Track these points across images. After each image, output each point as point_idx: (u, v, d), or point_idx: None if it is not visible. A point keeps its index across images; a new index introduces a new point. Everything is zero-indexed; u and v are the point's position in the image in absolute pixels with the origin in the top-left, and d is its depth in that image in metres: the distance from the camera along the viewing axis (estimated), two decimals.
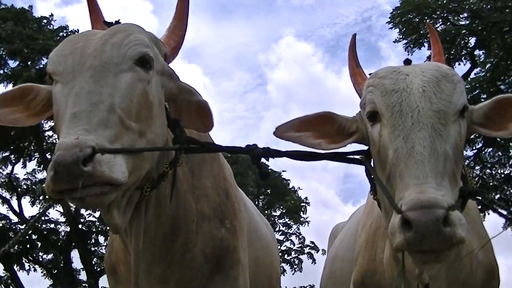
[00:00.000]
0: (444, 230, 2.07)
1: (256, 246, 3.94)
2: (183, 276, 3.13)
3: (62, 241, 22.67)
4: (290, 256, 26.08)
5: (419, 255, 2.18)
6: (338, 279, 4.14)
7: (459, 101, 2.48)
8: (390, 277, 3.03)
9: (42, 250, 22.73)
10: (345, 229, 4.48)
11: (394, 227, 2.17)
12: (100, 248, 23.35)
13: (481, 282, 3.12)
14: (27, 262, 22.38)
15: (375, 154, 2.53)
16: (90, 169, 2.18)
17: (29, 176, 22.96)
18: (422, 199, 2.13)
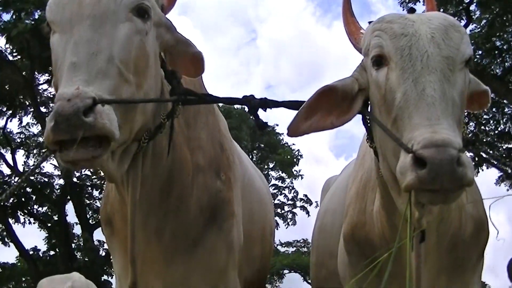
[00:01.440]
0: (457, 170, 2.09)
1: (250, 199, 3.98)
2: (178, 227, 3.18)
3: (57, 194, 22.72)
4: (283, 210, 26.22)
5: (428, 195, 2.19)
6: (329, 232, 4.18)
7: (466, 50, 2.50)
8: (380, 228, 3.07)
9: (37, 203, 22.77)
10: (336, 183, 4.51)
11: (405, 166, 2.18)
12: (94, 201, 23.42)
13: (470, 235, 3.16)
14: (22, 215, 22.44)
15: (380, 98, 2.52)
16: (92, 120, 2.19)
17: (23, 130, 22.93)
18: (436, 138, 2.14)
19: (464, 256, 3.17)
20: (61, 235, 21.66)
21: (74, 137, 2.19)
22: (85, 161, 2.28)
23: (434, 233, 2.91)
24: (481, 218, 3.26)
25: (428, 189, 2.16)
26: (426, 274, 2.81)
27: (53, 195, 22.66)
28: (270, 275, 27.20)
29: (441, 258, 3.07)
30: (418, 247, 2.65)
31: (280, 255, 26.58)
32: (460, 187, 2.16)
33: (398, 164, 2.23)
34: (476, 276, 3.36)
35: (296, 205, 26.32)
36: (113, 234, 3.39)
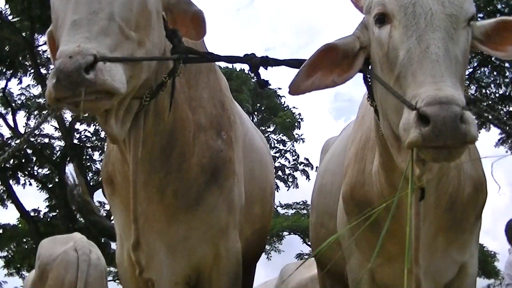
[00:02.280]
0: (460, 127, 2.10)
1: (251, 159, 4.01)
2: (179, 186, 3.21)
3: (57, 156, 22.75)
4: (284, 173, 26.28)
5: (431, 152, 2.19)
6: (328, 192, 4.20)
7: (470, 8, 2.47)
8: (379, 188, 3.09)
9: (37, 165, 22.82)
10: (335, 144, 4.51)
11: (409, 123, 2.18)
12: (94, 163, 23.48)
13: (468, 195, 3.19)
14: (22, 177, 22.50)
15: (382, 56, 2.50)
16: (92, 76, 2.20)
17: (23, 91, 22.87)
18: (440, 95, 2.14)
19: (462, 216, 3.20)
20: (61, 196, 21.72)
21: (75, 95, 2.22)
22: (88, 103, 2.29)
23: (433, 192, 2.93)
24: (479, 178, 3.28)
25: (431, 146, 2.16)
26: (424, 233, 2.84)
27: (53, 156, 22.69)
28: (269, 237, 27.39)
29: (439, 218, 3.10)
30: (417, 205, 2.66)
31: (280, 217, 26.69)
32: (463, 144, 2.17)
33: (402, 121, 2.24)
34: (474, 236, 3.39)
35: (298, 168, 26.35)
36: (114, 194, 3.42)
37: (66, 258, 6.27)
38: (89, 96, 2.25)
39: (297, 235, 27.60)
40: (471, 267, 3.35)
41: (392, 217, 2.54)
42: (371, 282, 3.39)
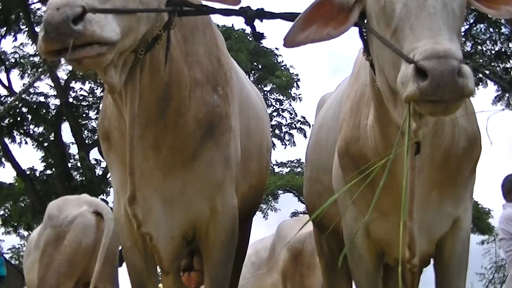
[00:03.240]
0: (458, 81, 2.10)
1: (247, 115, 4.01)
2: (175, 141, 3.22)
3: (52, 114, 22.69)
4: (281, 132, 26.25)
5: (429, 106, 2.20)
6: (323, 148, 4.20)
7: None
8: (374, 143, 3.11)
9: (33, 123, 22.76)
10: (330, 99, 4.51)
11: (406, 77, 2.18)
12: (90, 121, 23.43)
13: (463, 149, 3.20)
14: (18, 135, 22.46)
15: (379, 9, 2.47)
16: (81, 28, 2.20)
17: (17, 49, 22.69)
18: (438, 49, 2.14)
19: (456, 170, 3.22)
20: (57, 155, 21.75)
21: (65, 46, 2.22)
22: (90, 59, 2.31)
23: (428, 147, 2.94)
24: (474, 132, 3.29)
25: (429, 100, 2.17)
26: (418, 187, 2.85)
27: (49, 115, 22.63)
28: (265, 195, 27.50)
29: (434, 172, 3.12)
30: (413, 159, 2.68)
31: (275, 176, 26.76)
32: (461, 98, 2.17)
33: (399, 75, 2.23)
34: (468, 191, 3.42)
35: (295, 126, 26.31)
36: (111, 149, 3.43)
37: (84, 222, 6.27)
38: (88, 50, 2.26)
39: (292, 193, 27.74)
40: (465, 221, 3.39)
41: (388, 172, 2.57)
42: (366, 236, 3.42)
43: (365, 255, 3.43)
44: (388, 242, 3.36)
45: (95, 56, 2.30)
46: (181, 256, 3.54)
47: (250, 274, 6.96)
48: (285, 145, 26.11)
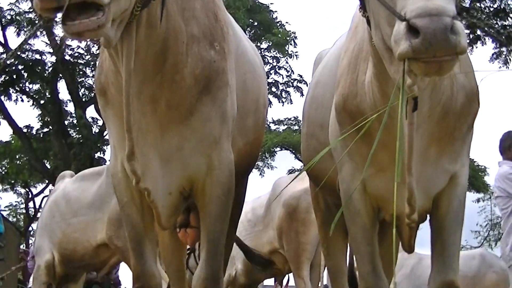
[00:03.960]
0: (450, 38, 2.09)
1: (244, 70, 3.99)
2: (172, 97, 3.22)
3: (48, 72, 22.60)
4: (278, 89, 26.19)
5: (422, 66, 2.20)
6: (320, 104, 4.20)
7: None
8: (371, 98, 3.10)
9: (29, 81, 22.69)
10: (328, 55, 4.48)
11: (399, 35, 2.17)
12: (87, 79, 23.35)
13: (461, 105, 3.20)
14: (14, 93, 22.42)
15: None
16: None
17: (12, 6, 22.47)
18: (430, 6, 2.12)
19: (454, 126, 3.22)
20: (54, 112, 21.72)
21: (59, 5, 2.21)
22: (90, 32, 2.32)
23: (426, 102, 2.94)
24: (472, 89, 3.29)
25: (422, 60, 2.17)
26: (417, 143, 2.86)
27: (45, 72, 22.54)
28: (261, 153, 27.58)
29: (432, 128, 3.12)
30: (411, 115, 2.68)
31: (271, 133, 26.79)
32: (454, 55, 2.16)
33: (393, 33, 2.23)
34: (465, 147, 3.43)
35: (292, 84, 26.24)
36: (107, 105, 3.42)
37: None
38: (87, 23, 2.27)
39: (288, 151, 27.82)
40: (462, 176, 3.40)
41: (384, 127, 2.57)
42: (362, 192, 3.44)
43: (362, 211, 3.45)
44: (385, 198, 3.38)
45: (96, 28, 2.31)
46: (178, 211, 3.56)
47: (247, 231, 7.02)
48: (282, 103, 26.09)
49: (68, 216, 6.62)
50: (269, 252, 6.83)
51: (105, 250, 6.43)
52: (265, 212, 6.94)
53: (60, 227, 6.60)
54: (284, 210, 6.55)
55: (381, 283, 3.45)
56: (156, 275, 3.41)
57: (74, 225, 6.55)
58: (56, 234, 6.60)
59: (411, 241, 3.45)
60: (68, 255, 6.49)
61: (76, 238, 6.46)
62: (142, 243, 3.43)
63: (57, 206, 6.75)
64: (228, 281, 7.08)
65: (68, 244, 6.52)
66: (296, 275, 6.51)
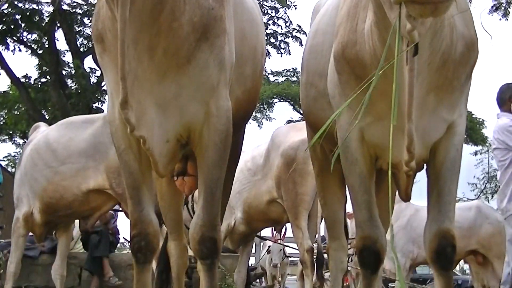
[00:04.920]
0: None
1: (242, 18, 3.95)
2: (170, 45, 3.20)
3: (46, 21, 22.40)
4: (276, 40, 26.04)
5: (417, 7, 2.18)
6: (319, 52, 4.18)
7: None
8: (371, 46, 3.09)
9: (26, 30, 22.52)
10: (327, 4, 4.44)
11: None
12: (84, 28, 23.17)
13: (460, 53, 3.19)
14: (11, 42, 22.28)
15: None
16: None
17: None
18: None
19: (453, 75, 3.22)
20: (51, 62, 21.60)
21: None
22: None
23: (426, 49, 2.94)
24: (471, 37, 3.28)
25: (418, 2, 2.15)
26: (416, 91, 2.85)
27: (42, 22, 22.34)
28: (260, 104, 27.58)
29: (431, 76, 3.12)
30: (411, 61, 2.68)
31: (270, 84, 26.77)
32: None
33: None
34: (463, 96, 3.43)
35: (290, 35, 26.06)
36: (104, 51, 3.40)
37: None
38: None
39: (287, 102, 27.83)
40: (460, 126, 3.42)
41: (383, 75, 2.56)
42: (360, 140, 3.45)
43: (359, 159, 3.47)
44: (383, 146, 3.39)
45: None
46: (175, 159, 3.57)
47: (246, 180, 7.05)
48: (280, 54, 25.94)
49: (55, 164, 6.56)
50: (268, 201, 6.87)
51: (96, 197, 6.42)
52: (264, 162, 6.95)
53: (45, 176, 6.54)
54: (282, 160, 6.56)
55: (378, 231, 3.48)
56: (153, 222, 3.43)
57: (63, 173, 6.51)
58: (40, 183, 6.54)
59: (408, 189, 3.46)
60: (53, 203, 6.44)
61: (64, 185, 6.44)
62: (139, 190, 3.44)
63: (39, 154, 6.66)
64: (227, 230, 7.14)
65: (54, 192, 6.47)
66: (294, 225, 6.56)
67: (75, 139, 6.56)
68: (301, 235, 6.46)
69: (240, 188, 7.00)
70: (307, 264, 6.52)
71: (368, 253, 3.48)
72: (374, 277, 3.55)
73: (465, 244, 10.11)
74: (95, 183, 6.31)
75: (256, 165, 7.08)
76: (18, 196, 6.74)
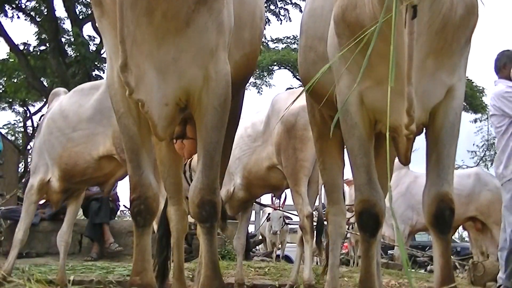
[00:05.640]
0: None
1: None
2: (169, 8, 3.17)
3: None
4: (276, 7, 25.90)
5: None
6: (318, 16, 4.16)
7: None
8: (371, 10, 3.07)
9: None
10: None
11: None
12: None
13: (460, 16, 3.17)
14: (10, 9, 22.18)
15: None
16: None
17: None
18: None
19: (453, 38, 3.21)
20: (51, 29, 21.50)
21: None
22: None
23: (426, 12, 2.92)
24: (472, 1, 3.27)
25: None
26: (415, 54, 2.85)
27: None
28: (260, 70, 27.52)
29: (431, 39, 3.11)
30: (411, 23, 2.68)
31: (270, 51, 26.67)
32: None
33: None
34: (463, 60, 3.43)
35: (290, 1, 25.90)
36: (103, 15, 3.38)
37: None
38: None
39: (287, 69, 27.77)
40: (459, 90, 3.41)
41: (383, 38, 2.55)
42: (359, 104, 3.45)
43: (359, 123, 3.47)
44: (382, 110, 3.38)
45: None
46: (174, 122, 3.56)
47: (247, 146, 7.04)
48: (280, 21, 25.82)
49: (68, 131, 6.54)
50: (268, 167, 6.87)
51: (108, 163, 6.41)
52: (264, 128, 6.94)
53: (60, 142, 6.52)
54: (282, 126, 6.54)
55: (376, 195, 3.49)
56: (153, 185, 3.44)
57: (75, 139, 6.48)
58: (56, 150, 6.54)
59: (407, 153, 3.46)
60: (69, 170, 6.45)
61: (77, 152, 6.41)
62: (139, 153, 3.44)
63: (54, 122, 6.67)
64: (226, 196, 7.14)
65: (69, 158, 6.46)
66: (294, 191, 6.56)
67: (84, 105, 6.55)
68: (301, 201, 6.47)
69: (240, 154, 7.00)
70: (306, 230, 6.53)
71: (367, 216, 3.49)
72: (373, 240, 3.56)
73: (464, 211, 10.19)
74: (104, 149, 6.31)
75: (256, 131, 7.06)
76: (36, 164, 6.73)
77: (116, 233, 9.93)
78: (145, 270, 3.42)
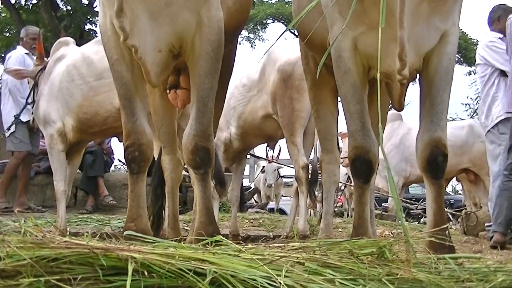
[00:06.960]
0: None
1: None
2: None
3: None
4: None
5: None
6: None
7: None
8: None
9: None
10: None
11: None
12: None
13: None
14: None
15: None
16: None
17: None
18: None
19: None
20: None
21: None
22: None
23: None
24: None
25: None
26: None
27: None
28: (253, 24, 27.31)
29: None
30: None
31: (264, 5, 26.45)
32: None
33: None
34: (457, 6, 3.41)
35: None
36: None
37: None
38: None
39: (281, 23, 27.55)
40: (453, 35, 3.40)
41: None
42: (353, 50, 3.43)
43: (352, 69, 3.45)
44: (376, 56, 3.36)
45: None
46: (168, 69, 3.56)
47: (242, 96, 6.97)
48: None
49: (91, 79, 6.34)
50: (263, 116, 6.82)
51: None
52: (260, 77, 6.85)
53: (81, 90, 6.29)
54: (278, 76, 6.47)
55: (370, 141, 3.49)
56: (146, 132, 3.44)
57: (98, 88, 6.30)
58: (76, 98, 6.30)
59: (401, 98, 3.46)
60: (88, 119, 6.26)
61: (98, 101, 6.22)
62: (132, 100, 3.44)
63: (76, 69, 6.42)
64: (225, 144, 7.09)
65: (90, 108, 6.26)
66: (289, 141, 6.52)
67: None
68: (297, 152, 6.44)
69: (235, 103, 6.94)
70: (302, 180, 6.52)
71: (361, 162, 3.50)
72: (366, 187, 3.57)
73: (457, 162, 10.21)
74: None
75: (251, 81, 6.98)
76: (45, 112, 6.50)
77: (110, 186, 9.93)
78: (140, 216, 3.45)
